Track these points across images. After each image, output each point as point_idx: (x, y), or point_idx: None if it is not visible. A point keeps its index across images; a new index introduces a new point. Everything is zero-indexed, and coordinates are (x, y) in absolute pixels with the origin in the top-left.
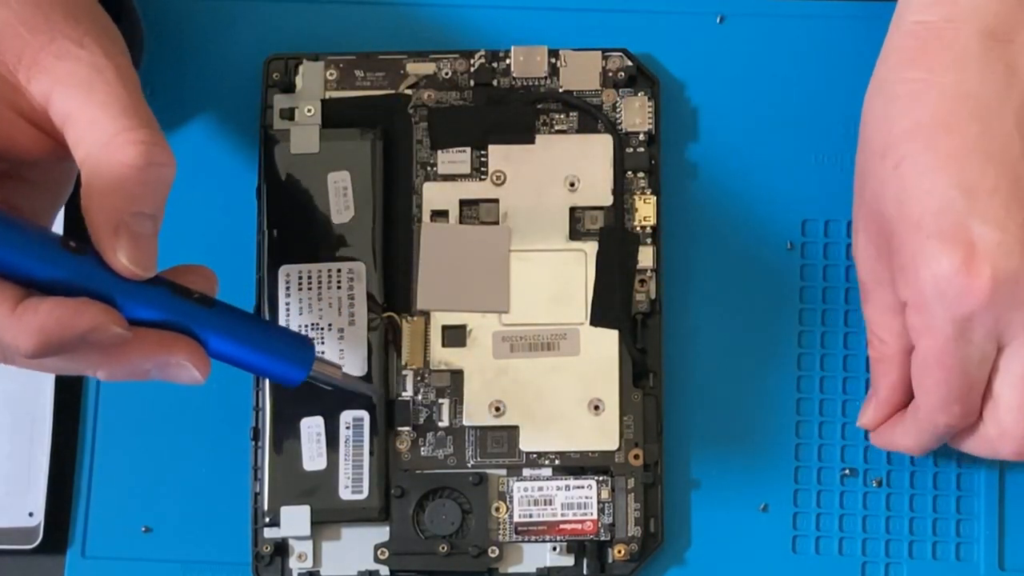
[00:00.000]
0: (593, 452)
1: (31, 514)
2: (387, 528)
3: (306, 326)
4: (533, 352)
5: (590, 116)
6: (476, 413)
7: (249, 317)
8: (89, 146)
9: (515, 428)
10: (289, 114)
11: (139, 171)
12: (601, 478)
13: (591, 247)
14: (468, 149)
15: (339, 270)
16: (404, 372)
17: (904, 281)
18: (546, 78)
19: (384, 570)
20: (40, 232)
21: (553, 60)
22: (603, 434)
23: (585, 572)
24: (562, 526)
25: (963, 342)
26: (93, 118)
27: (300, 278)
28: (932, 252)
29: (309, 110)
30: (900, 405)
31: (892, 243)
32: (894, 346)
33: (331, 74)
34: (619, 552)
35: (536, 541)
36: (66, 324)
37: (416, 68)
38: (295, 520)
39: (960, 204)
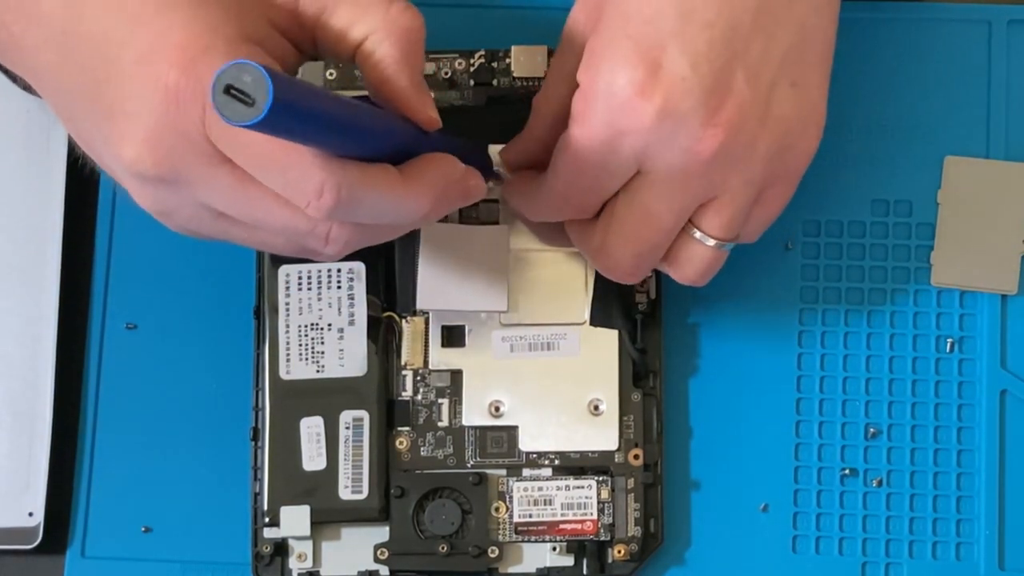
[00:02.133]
0: (593, 452)
1: (31, 514)
2: (387, 528)
3: (306, 326)
4: (533, 352)
5: None
6: (476, 413)
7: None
8: (369, 23)
9: (515, 428)
10: None
11: (420, 31)
12: (601, 478)
13: None
14: None
15: (339, 270)
16: (404, 372)
17: (586, 65)
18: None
19: (384, 570)
20: (390, 115)
21: None
22: (603, 434)
23: (585, 572)
24: (562, 526)
25: (608, 150)
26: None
27: (300, 278)
28: (620, 55)
29: None
30: (540, 156)
31: (599, 22)
32: (555, 106)
33: (331, 74)
34: (619, 552)
35: (536, 541)
36: (447, 176)
37: None
38: (295, 520)
39: (670, 23)
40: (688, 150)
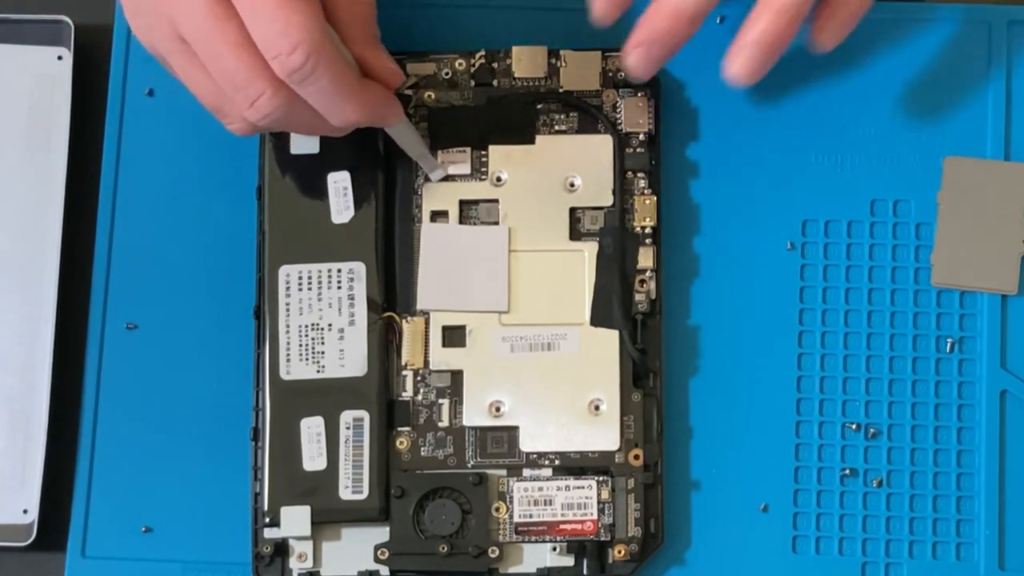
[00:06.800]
0: (593, 452)
1: (25, 511)
2: (387, 528)
3: (306, 326)
4: (533, 352)
5: (590, 116)
6: (476, 413)
7: None
8: None
9: (515, 428)
10: None
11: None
12: (601, 478)
13: (591, 247)
14: (468, 149)
15: (339, 270)
16: (404, 372)
17: None
18: (546, 78)
19: (384, 570)
20: None
21: (553, 60)
22: (603, 434)
23: (585, 572)
24: (562, 526)
25: None
26: None
27: (300, 278)
28: None
29: None
30: None
31: None
32: None
33: None
34: (619, 552)
35: (536, 541)
36: (388, 101)
37: (416, 68)
38: (295, 520)
39: None
40: None
